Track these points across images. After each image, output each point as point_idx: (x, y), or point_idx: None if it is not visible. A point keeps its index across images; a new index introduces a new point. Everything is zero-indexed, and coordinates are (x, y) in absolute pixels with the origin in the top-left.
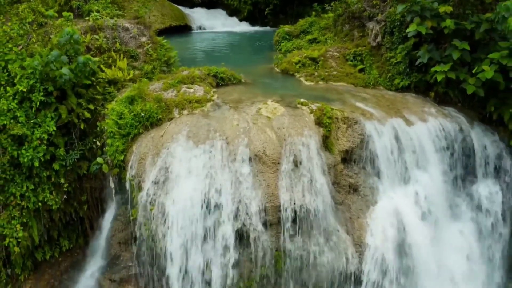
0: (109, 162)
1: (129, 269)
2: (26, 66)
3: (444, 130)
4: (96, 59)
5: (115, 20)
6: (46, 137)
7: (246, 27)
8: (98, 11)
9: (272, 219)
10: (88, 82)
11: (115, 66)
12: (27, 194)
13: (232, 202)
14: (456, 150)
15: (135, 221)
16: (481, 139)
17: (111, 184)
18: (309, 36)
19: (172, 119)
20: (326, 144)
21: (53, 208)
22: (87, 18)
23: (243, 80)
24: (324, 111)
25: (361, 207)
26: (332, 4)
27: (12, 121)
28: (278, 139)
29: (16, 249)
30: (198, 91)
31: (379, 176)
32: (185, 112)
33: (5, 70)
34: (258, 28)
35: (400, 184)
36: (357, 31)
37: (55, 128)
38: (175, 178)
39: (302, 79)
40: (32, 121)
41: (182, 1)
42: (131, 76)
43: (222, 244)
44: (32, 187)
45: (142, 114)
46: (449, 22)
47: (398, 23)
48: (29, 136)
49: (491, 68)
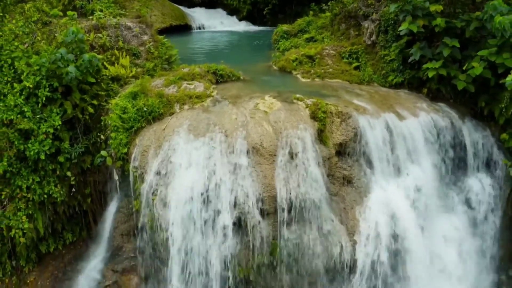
0: (113, 155)
1: (131, 259)
2: (32, 63)
3: (436, 124)
4: (99, 56)
5: (118, 19)
6: (52, 131)
7: (245, 27)
8: (101, 11)
9: (269, 209)
10: (92, 79)
11: (118, 64)
12: (33, 187)
13: (230, 192)
14: (447, 144)
15: (137, 212)
16: (472, 134)
17: (115, 177)
18: (306, 35)
19: (173, 113)
20: (321, 137)
21: (57, 200)
22: (91, 17)
23: (241, 77)
24: (319, 106)
25: (354, 198)
26: (329, 3)
27: (19, 116)
28: (274, 132)
29: (22, 239)
30: (198, 87)
31: (372, 168)
32: (185, 107)
33: (11, 67)
34: (257, 27)
35: (392, 176)
36: (353, 30)
37: (61, 123)
38: (176, 169)
39: (299, 76)
40: (38, 116)
41: (182, 0)
42: (133, 73)
43: (221, 232)
44: (37, 179)
45: (145, 109)
46: (439, 21)
47: (392, 22)
48: (35, 130)
49: (480, 64)
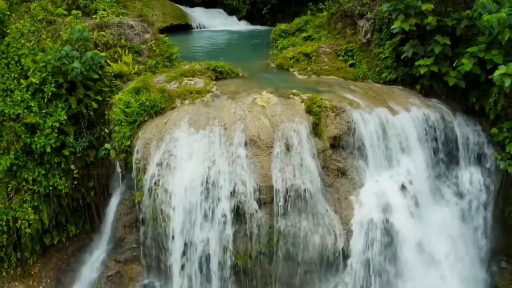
0: (116, 148)
1: (133, 250)
2: (38, 60)
3: (427, 119)
4: (103, 54)
5: (121, 18)
6: (57, 125)
7: (244, 26)
8: (104, 10)
9: (266, 198)
10: (95, 75)
11: (120, 61)
12: (38, 179)
13: (229, 182)
14: (439, 138)
15: (140, 203)
16: (463, 128)
17: (118, 169)
18: (304, 34)
19: (174, 108)
20: (316, 130)
21: (62, 192)
22: (94, 16)
23: (240, 74)
24: (314, 101)
25: (348, 189)
26: (326, 3)
27: (25, 110)
28: (271, 125)
29: (28, 230)
30: (199, 83)
31: (366, 160)
32: (186, 101)
33: (18, 64)
34: (256, 27)
35: (385, 168)
36: (349, 29)
37: (66, 117)
38: (177, 161)
39: (295, 73)
40: (44, 110)
41: (182, 0)
42: (135, 70)
43: (221, 220)
44: (43, 172)
45: (147, 103)
46: (431, 19)
47: (386, 20)
48: (41, 125)
49: (470, 61)
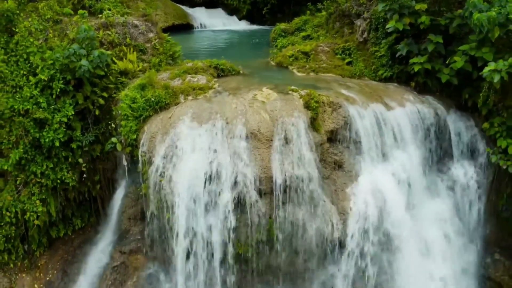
0: (122, 141)
1: (138, 241)
2: (46, 58)
3: (421, 114)
4: (109, 52)
5: (125, 18)
6: (65, 120)
7: (245, 26)
8: (109, 10)
9: (266, 189)
10: (102, 72)
11: (126, 59)
12: (46, 173)
13: (231, 173)
14: (432, 133)
15: (145, 195)
16: (456, 124)
17: (124, 162)
18: (303, 33)
19: (178, 103)
20: (314, 125)
21: (69, 186)
22: (100, 16)
23: (241, 72)
24: (312, 96)
25: (345, 181)
26: (325, 3)
27: (34, 106)
28: (271, 119)
29: (36, 222)
30: (201, 80)
31: (361, 154)
32: (189, 97)
33: (27, 62)
34: (256, 26)
35: (380, 161)
36: (346, 28)
37: (73, 113)
38: (181, 153)
39: (294, 70)
40: (52, 106)
41: (184, 0)
42: (140, 67)
43: (222, 210)
44: (51, 166)
45: (152, 99)
46: (424, 19)
47: (382, 20)
48: (49, 120)
49: (462, 58)
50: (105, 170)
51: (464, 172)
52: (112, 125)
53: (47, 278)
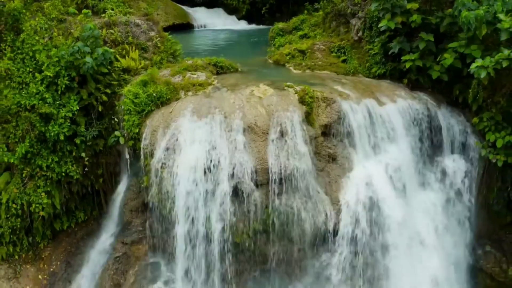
0: (125, 135)
1: (139, 232)
2: (52, 55)
3: (412, 110)
4: (112, 50)
5: (128, 17)
6: (70, 115)
7: (244, 25)
8: (112, 9)
9: (262, 180)
10: (105, 70)
11: (128, 57)
12: (51, 166)
13: (229, 164)
14: (424, 128)
15: (146, 188)
16: (447, 119)
17: (126, 155)
18: (300, 32)
19: (179, 99)
20: (308, 119)
21: (74, 178)
22: (103, 15)
23: (239, 69)
24: (307, 92)
25: (338, 173)
26: (321, 3)
27: (40, 101)
28: (267, 113)
29: (42, 213)
30: (201, 76)
31: (355, 147)
32: (189, 93)
33: (33, 59)
34: (255, 26)
35: (372, 154)
36: (342, 27)
37: (78, 108)
38: (182, 146)
39: (291, 68)
40: (57, 102)
41: (184, 0)
42: (142, 65)
43: (221, 200)
44: (56, 159)
45: (154, 95)
46: (415, 17)
47: (376, 19)
48: (55, 115)
49: (451, 55)
50: (108, 164)
51: (455, 166)
52: (115, 119)
53: (51, 269)
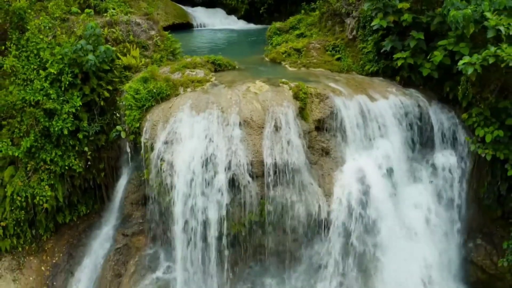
0: (126, 129)
1: (140, 225)
2: (56, 53)
3: (404, 106)
4: (113, 48)
5: (129, 16)
6: (73, 111)
7: (243, 25)
8: (114, 9)
9: (258, 172)
10: (107, 67)
11: (129, 55)
12: (55, 160)
13: (225, 157)
14: (415, 123)
15: (147, 181)
16: (438, 115)
17: (127, 149)
18: (297, 31)
19: (178, 94)
20: (302, 114)
21: (76, 172)
22: (105, 15)
23: (237, 67)
24: (300, 88)
25: (331, 166)
26: (318, 3)
27: (44, 97)
28: (262, 108)
29: (46, 205)
30: (199, 73)
31: (347, 142)
32: (188, 89)
33: (37, 57)
34: (254, 25)
35: (364, 149)
36: (338, 27)
37: (81, 104)
38: (181, 139)
39: (287, 66)
40: (61, 98)
41: (184, 0)
42: (142, 63)
43: (218, 191)
44: (60, 153)
45: (154, 91)
46: (406, 16)
47: (369, 18)
48: (58, 110)
49: (441, 53)
50: (109, 158)
51: (446, 161)
52: (117, 115)
53: (54, 261)
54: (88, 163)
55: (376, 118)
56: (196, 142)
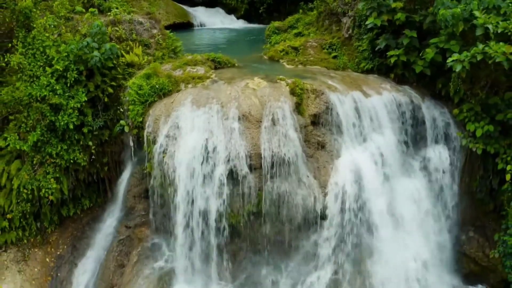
0: (130, 124)
1: (142, 217)
2: (61, 50)
3: (397, 101)
4: (117, 46)
5: (132, 16)
6: (78, 106)
7: (242, 24)
8: (117, 8)
9: (256, 164)
10: (111, 64)
11: (132, 52)
12: (61, 153)
13: (225, 149)
14: (408, 118)
15: (149, 174)
16: (431, 111)
17: (131, 143)
18: (295, 31)
19: (179, 90)
20: (299, 109)
21: (81, 166)
22: (109, 14)
23: (236, 64)
24: (297, 84)
25: (327, 159)
26: (315, 3)
27: (50, 93)
28: (260, 103)
29: (51, 197)
30: (200, 70)
31: (342, 136)
32: (189, 85)
33: (43, 54)
34: (253, 25)
35: (359, 142)
36: (334, 26)
37: (86, 99)
38: (182, 132)
39: (284, 63)
40: (67, 94)
41: (184, 0)
42: (145, 60)
43: (217, 182)
44: (65, 147)
45: (157, 86)
46: (400, 15)
47: (364, 17)
48: (64, 105)
49: (433, 50)
50: (112, 153)
51: (438, 155)
52: (121, 110)
53: (58, 253)
54: (92, 157)
55: (370, 114)
56: (197, 135)
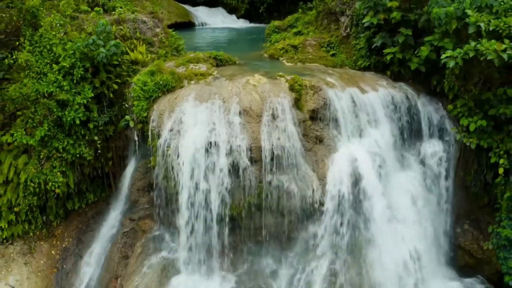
0: (134, 119)
1: (146, 210)
2: (68, 48)
3: (393, 97)
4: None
5: (135, 15)
6: (85, 102)
7: (243, 24)
8: (121, 7)
9: (256, 157)
10: (116, 62)
11: (136, 50)
12: (67, 148)
13: (226, 143)
14: (404, 114)
15: (153, 167)
16: (426, 107)
17: (135, 137)
18: (294, 30)
19: (182, 86)
20: (297, 104)
21: (86, 160)
22: (113, 13)
23: (237, 62)
24: (296, 80)
25: (325, 153)
26: (314, 2)
27: (57, 89)
28: (261, 99)
29: (57, 190)
30: (202, 68)
31: (339, 130)
32: (192, 82)
33: (50, 52)
34: (254, 24)
35: (356, 137)
36: (333, 25)
37: (92, 95)
38: (185, 127)
39: (284, 61)
40: (73, 90)
41: (186, 0)
42: (149, 58)
43: (220, 174)
44: (71, 142)
45: (161, 83)
46: (395, 14)
47: (361, 16)
48: (71, 101)
49: (427, 48)
50: (117, 148)
51: (433, 149)
52: (126, 105)
53: (63, 245)
54: (98, 151)
55: (366, 109)
56: (200, 129)
